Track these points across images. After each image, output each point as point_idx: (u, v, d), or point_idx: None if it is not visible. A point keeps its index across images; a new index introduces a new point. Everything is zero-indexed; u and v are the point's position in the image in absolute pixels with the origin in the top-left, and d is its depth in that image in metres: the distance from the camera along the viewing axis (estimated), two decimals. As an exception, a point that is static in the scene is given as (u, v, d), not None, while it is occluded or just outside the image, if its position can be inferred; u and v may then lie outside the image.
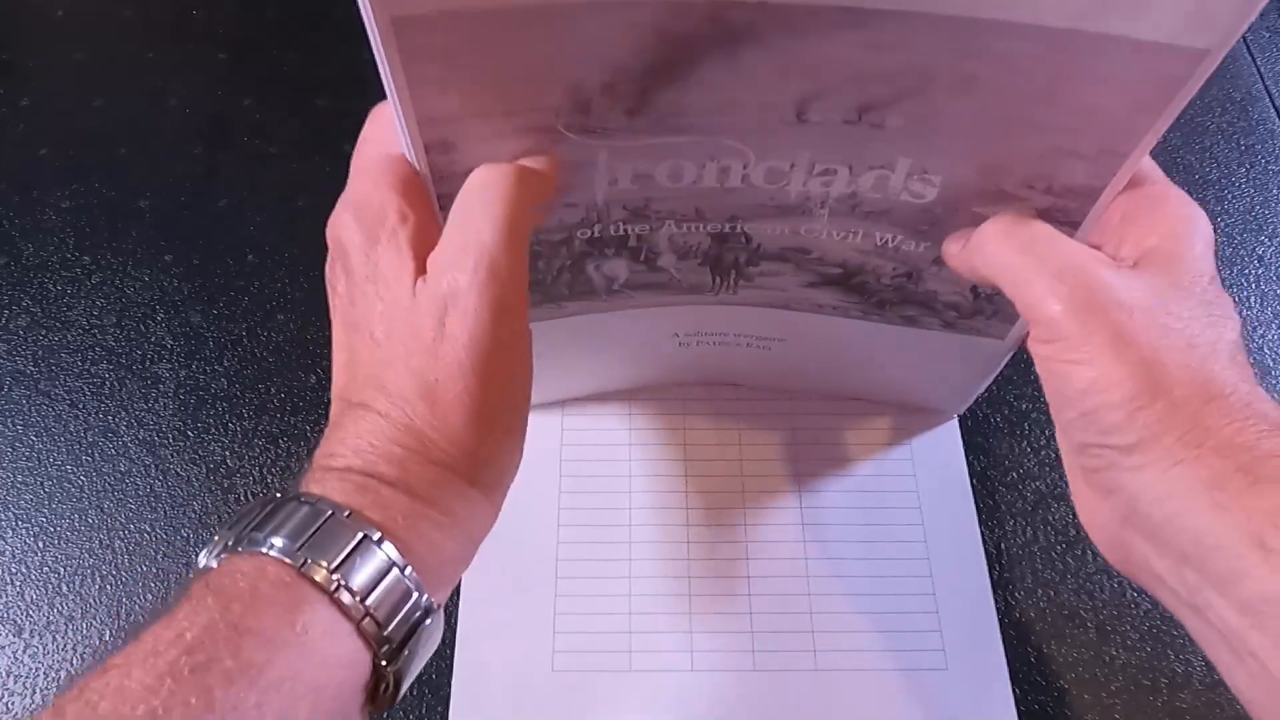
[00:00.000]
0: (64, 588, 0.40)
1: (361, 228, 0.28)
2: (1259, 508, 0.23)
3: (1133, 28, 0.24)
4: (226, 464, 0.42)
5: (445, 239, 0.27)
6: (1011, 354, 0.37)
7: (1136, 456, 0.25)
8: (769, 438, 0.43)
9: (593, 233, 0.32)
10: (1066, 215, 0.29)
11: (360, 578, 0.24)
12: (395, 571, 0.24)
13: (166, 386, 0.45)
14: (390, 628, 0.24)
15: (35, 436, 0.43)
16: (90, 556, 0.40)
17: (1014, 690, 0.38)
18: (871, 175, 0.30)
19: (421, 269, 0.27)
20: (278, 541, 0.24)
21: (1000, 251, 0.28)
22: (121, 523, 0.41)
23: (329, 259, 0.29)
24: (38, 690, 0.37)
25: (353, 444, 0.26)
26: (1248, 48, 0.55)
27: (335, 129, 0.52)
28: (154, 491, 0.42)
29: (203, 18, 0.56)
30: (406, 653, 0.25)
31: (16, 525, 0.41)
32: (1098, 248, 0.28)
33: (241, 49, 0.55)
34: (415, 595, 0.25)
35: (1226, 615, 0.23)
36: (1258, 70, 0.54)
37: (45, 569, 0.40)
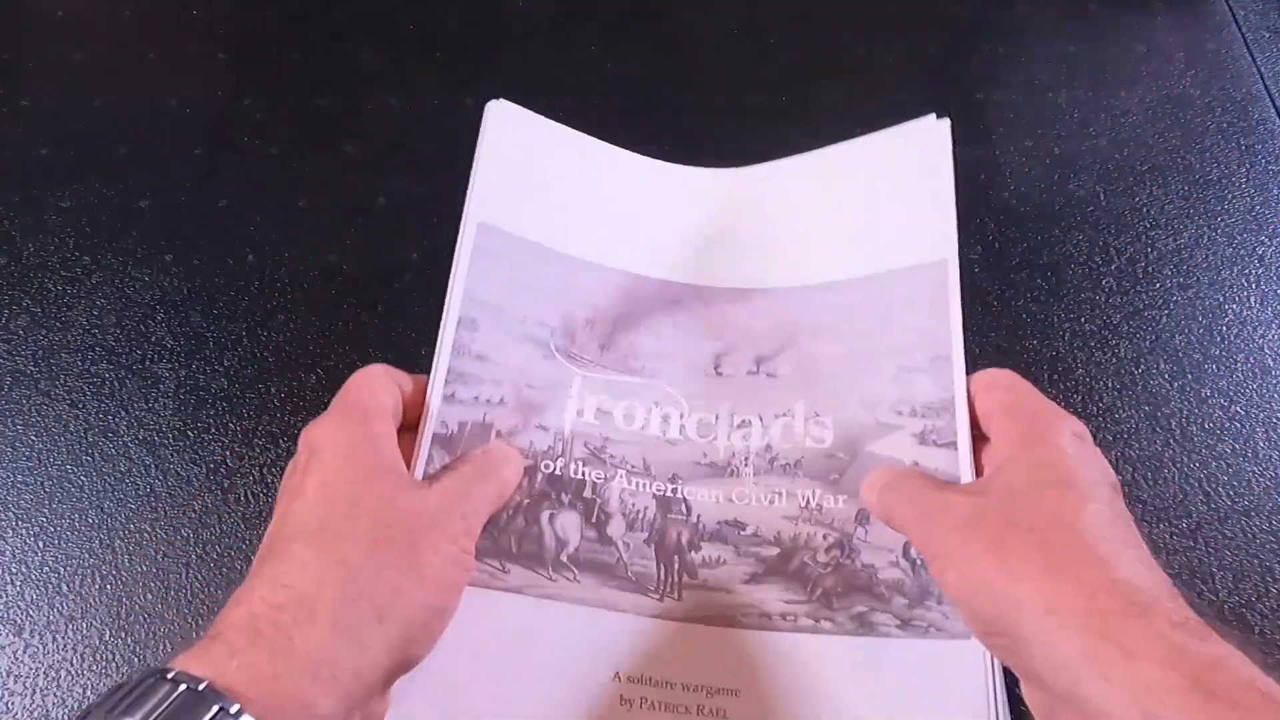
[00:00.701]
0: (64, 588, 0.40)
1: (345, 426, 0.32)
2: (1140, 679, 0.24)
3: (900, 260, 0.38)
4: (226, 464, 0.42)
5: (448, 482, 0.32)
6: (1004, 674, 0.32)
7: (1020, 638, 0.27)
8: None
9: (555, 467, 0.36)
10: (940, 437, 0.35)
11: None
12: None
13: (166, 386, 0.45)
14: None
15: (35, 436, 0.43)
16: (90, 556, 0.40)
17: (1014, 690, 0.38)
18: (779, 424, 0.37)
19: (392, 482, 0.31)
20: None
21: (888, 501, 0.33)
22: (121, 523, 0.41)
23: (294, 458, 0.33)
24: (38, 690, 0.37)
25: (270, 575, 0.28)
26: (1248, 48, 0.55)
27: (335, 129, 0.52)
28: (154, 491, 0.42)
29: (203, 18, 0.56)
30: None
31: (16, 525, 0.41)
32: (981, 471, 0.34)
33: (241, 49, 0.55)
34: None
35: None
36: (1258, 70, 0.54)
37: (45, 569, 0.40)
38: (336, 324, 0.46)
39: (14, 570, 0.40)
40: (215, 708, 0.24)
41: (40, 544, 0.41)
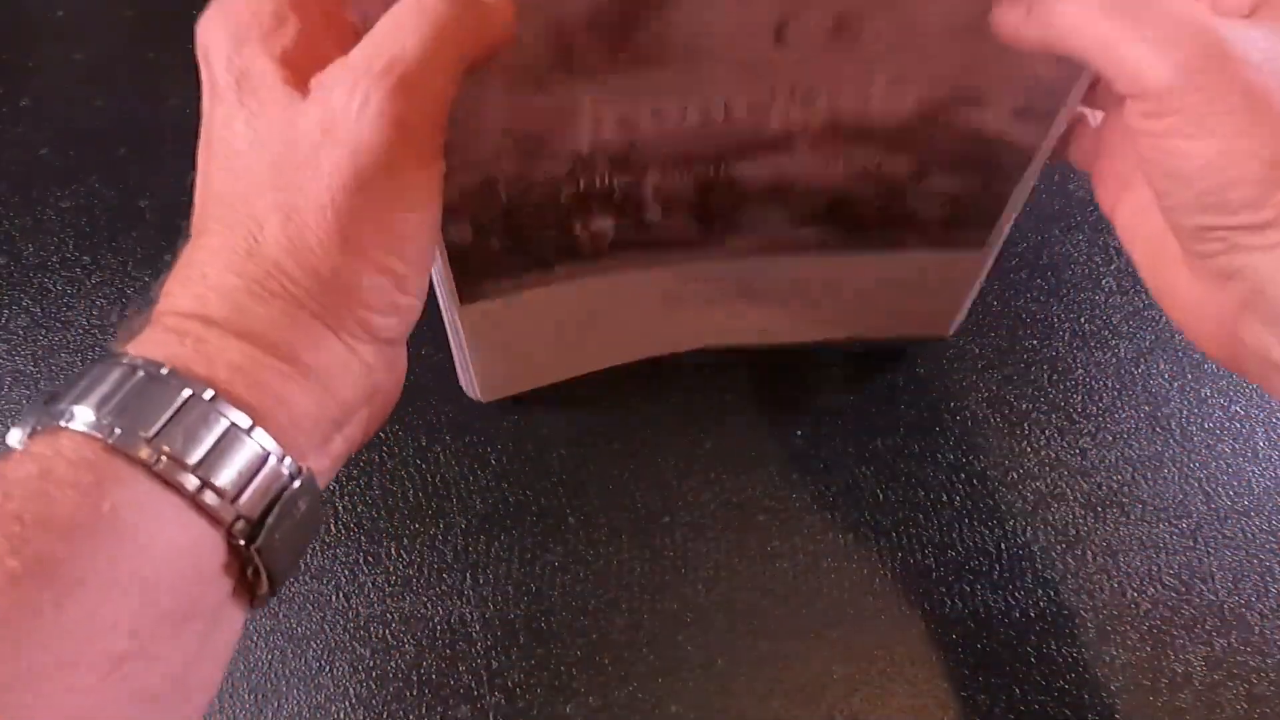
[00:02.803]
0: (64, 588, 0.40)
1: (225, 25, 0.23)
2: None
3: None
4: (226, 464, 0.42)
5: (351, 53, 0.22)
6: (991, 261, 0.38)
7: (1271, 233, 0.21)
8: None
9: (578, 187, 0.31)
10: (1046, 109, 0.29)
11: (193, 445, 0.20)
12: (237, 433, 0.20)
13: (166, 386, 0.45)
14: (242, 499, 0.20)
15: (35, 436, 0.43)
16: (90, 556, 0.40)
17: (1014, 690, 0.38)
18: (850, 95, 0.30)
19: (298, 79, 0.23)
20: (81, 412, 0.19)
21: (1082, 14, 0.22)
22: (121, 523, 0.41)
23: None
24: (38, 690, 0.37)
25: (183, 280, 0.22)
26: (1248, 47, 0.55)
27: (335, 129, 0.52)
28: (154, 491, 0.42)
29: (203, 18, 0.56)
30: (269, 526, 0.21)
31: (16, 525, 0.41)
32: None
33: (241, 49, 0.55)
34: (272, 460, 0.21)
35: None
36: (1258, 70, 0.54)
37: (45, 569, 0.40)
38: (336, 324, 0.46)
39: (14, 570, 0.40)
40: (184, 392, 0.20)
41: (40, 544, 0.41)
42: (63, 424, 0.19)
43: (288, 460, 0.21)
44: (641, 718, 0.38)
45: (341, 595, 0.40)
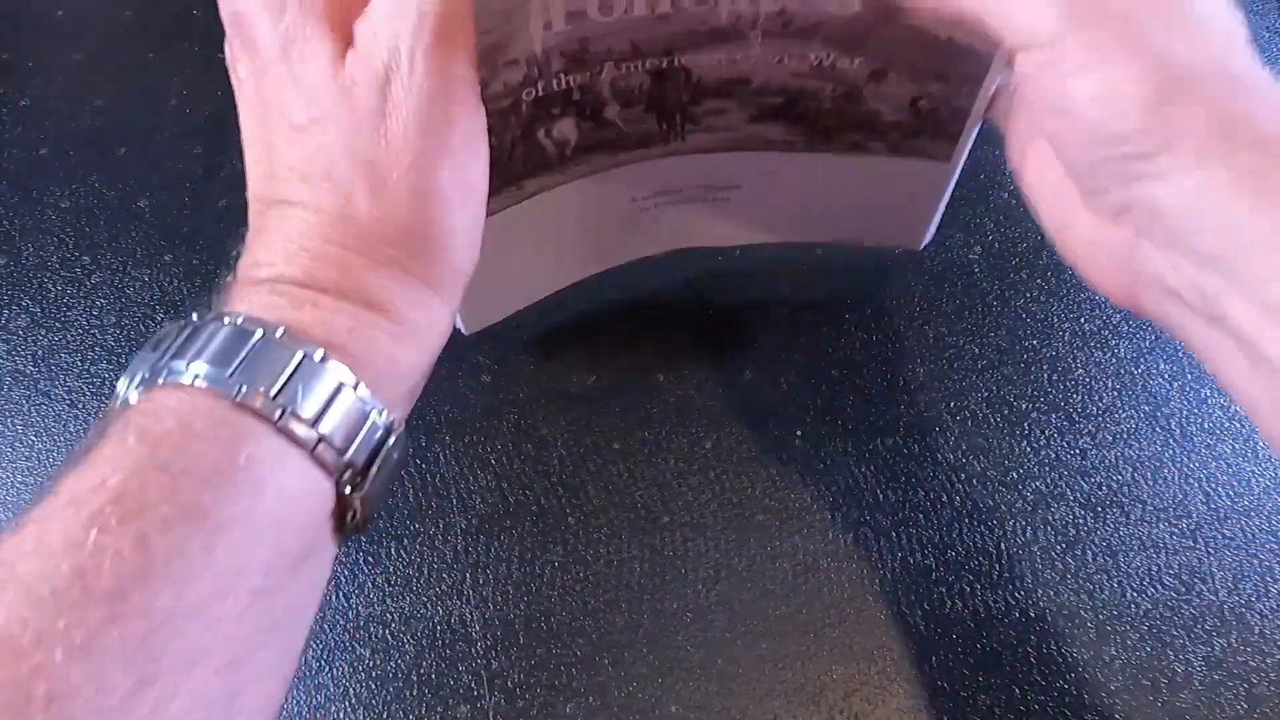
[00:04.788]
0: (64, 588, 0.40)
1: None
2: None
3: None
4: (226, 464, 0.42)
5: (376, 4, 0.23)
6: (958, 174, 0.38)
7: (1158, 161, 0.22)
8: None
9: (537, 91, 0.32)
10: None
11: (310, 403, 0.21)
12: (348, 391, 0.22)
13: (166, 386, 0.45)
14: (350, 452, 0.22)
15: (35, 436, 0.43)
16: (90, 556, 0.40)
17: (1014, 690, 0.38)
18: None
19: (341, 41, 0.24)
20: (202, 369, 0.21)
21: None
22: (121, 523, 0.41)
23: (227, 37, 0.26)
24: (38, 690, 0.37)
25: (280, 248, 0.23)
26: (1248, 47, 0.55)
27: (335, 129, 0.52)
28: (154, 491, 0.42)
29: (203, 18, 0.56)
30: (371, 476, 0.23)
31: (16, 525, 0.41)
32: None
33: (241, 49, 0.55)
34: (373, 414, 0.22)
35: (1245, 319, 0.22)
36: (1258, 70, 0.54)
37: (45, 569, 0.40)
38: (336, 324, 0.46)
39: (14, 570, 0.40)
40: (300, 354, 0.21)
41: (40, 544, 0.41)
42: (184, 381, 0.21)
43: (385, 414, 0.23)
44: (641, 718, 0.38)
45: (341, 595, 0.40)
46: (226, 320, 0.22)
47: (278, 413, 0.21)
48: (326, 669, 0.39)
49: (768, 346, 0.45)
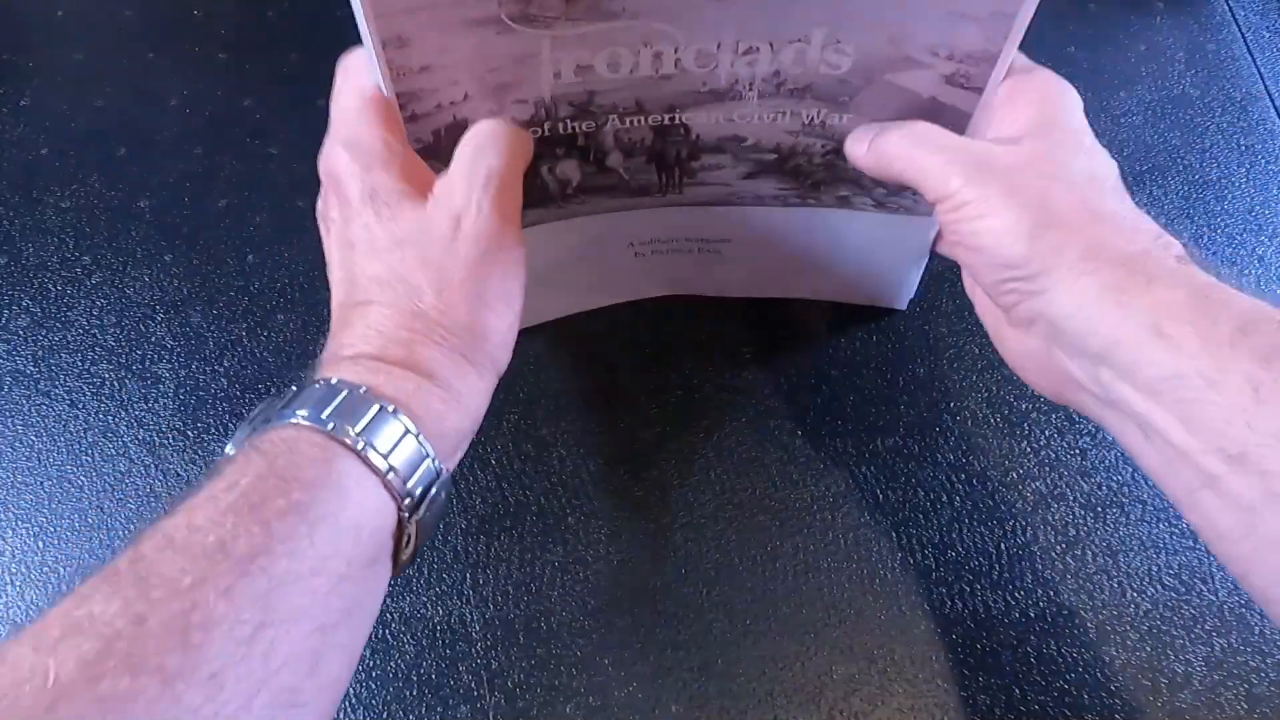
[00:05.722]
0: (64, 588, 0.40)
1: (355, 158, 0.31)
2: (1154, 302, 0.27)
3: None
4: (226, 464, 0.42)
5: (456, 169, 0.31)
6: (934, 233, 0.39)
7: (1043, 280, 0.29)
8: None
9: (543, 131, 0.34)
10: (970, 81, 0.33)
11: (382, 441, 0.27)
12: (411, 437, 0.28)
13: (166, 387, 0.45)
14: (410, 483, 0.28)
15: (35, 436, 0.43)
16: (90, 556, 0.40)
17: (1014, 690, 0.38)
18: (791, 49, 0.33)
19: (414, 189, 0.31)
20: (304, 413, 0.27)
21: (901, 149, 0.32)
22: (121, 523, 0.41)
23: (321, 192, 0.33)
24: (38, 690, 0.37)
25: (360, 333, 0.30)
26: (1248, 48, 0.55)
27: (335, 129, 0.52)
28: (154, 491, 0.42)
29: (203, 18, 0.56)
30: (425, 507, 0.29)
31: (16, 525, 0.41)
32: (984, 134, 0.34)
33: (241, 49, 0.55)
34: (429, 458, 0.29)
35: (1134, 401, 0.27)
36: (1258, 70, 0.54)
37: (45, 569, 0.40)
38: (336, 324, 0.46)
39: (14, 570, 0.40)
40: (376, 407, 0.28)
41: (40, 544, 0.41)
42: (292, 420, 0.27)
43: (437, 461, 0.29)
44: (641, 718, 0.38)
45: (341, 595, 0.40)
46: (320, 383, 0.28)
47: (360, 444, 0.27)
48: (326, 669, 0.39)
49: (768, 347, 0.45)
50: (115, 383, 0.45)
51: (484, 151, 0.32)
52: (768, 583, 0.40)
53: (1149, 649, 0.39)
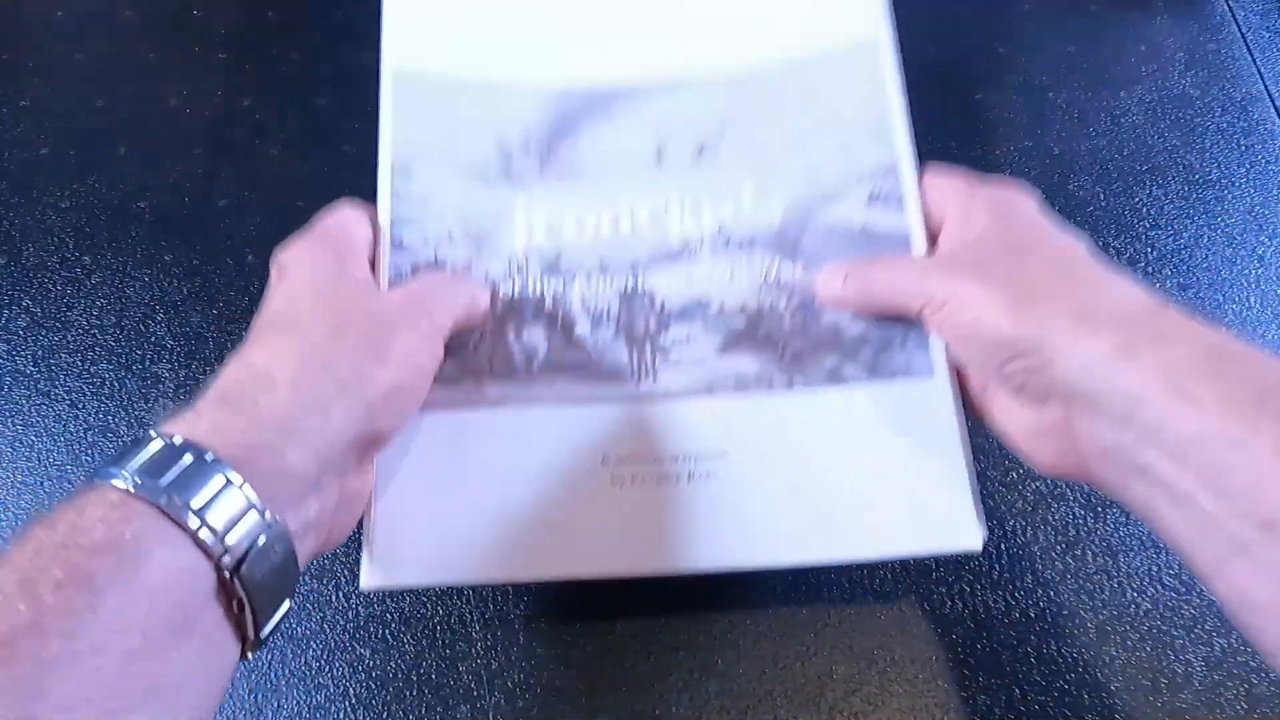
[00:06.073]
0: (64, 588, 0.40)
1: (333, 248, 0.34)
2: (1169, 359, 0.27)
3: (831, 43, 0.39)
4: (226, 464, 0.42)
5: (424, 297, 0.34)
6: (963, 410, 0.34)
7: (1044, 352, 0.29)
8: None
9: (514, 288, 0.37)
10: (891, 194, 0.36)
11: (194, 495, 0.25)
12: (230, 488, 0.26)
13: (166, 386, 0.45)
14: (230, 538, 0.25)
15: (35, 436, 0.43)
16: (90, 556, 0.40)
17: (1014, 690, 0.38)
18: (729, 205, 0.38)
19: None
20: (116, 471, 0.25)
21: (879, 274, 0.34)
22: (121, 523, 0.41)
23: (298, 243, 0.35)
24: (38, 690, 0.37)
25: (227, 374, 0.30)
26: (1248, 48, 0.55)
27: (335, 129, 0.52)
28: (154, 491, 0.42)
29: (203, 18, 0.56)
30: (249, 563, 0.26)
31: (17, 525, 0.41)
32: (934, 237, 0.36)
33: (241, 49, 0.55)
34: (253, 508, 0.26)
35: (1160, 465, 0.27)
36: (1258, 70, 0.54)
37: (45, 569, 0.40)
38: (336, 324, 0.46)
39: (14, 570, 0.40)
40: (190, 457, 0.26)
41: (40, 544, 0.41)
42: (99, 480, 0.25)
43: (268, 512, 0.26)
44: (641, 718, 0.38)
45: (341, 595, 0.40)
46: (145, 436, 0.27)
47: (167, 500, 0.25)
48: (326, 669, 0.39)
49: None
50: (115, 383, 0.45)
51: (454, 298, 0.34)
52: (768, 582, 0.40)
53: (1149, 649, 0.39)
